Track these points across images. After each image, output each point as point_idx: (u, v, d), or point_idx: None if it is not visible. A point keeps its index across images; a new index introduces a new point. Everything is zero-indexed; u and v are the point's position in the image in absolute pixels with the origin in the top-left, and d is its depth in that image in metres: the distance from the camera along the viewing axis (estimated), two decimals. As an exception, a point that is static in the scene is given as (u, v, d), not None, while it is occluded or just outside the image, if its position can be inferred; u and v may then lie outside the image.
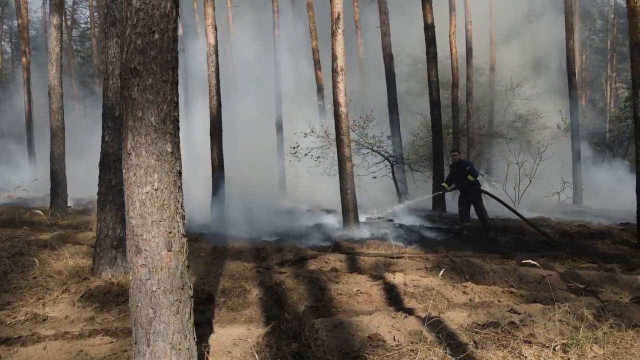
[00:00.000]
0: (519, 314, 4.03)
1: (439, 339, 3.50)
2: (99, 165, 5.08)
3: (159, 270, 2.22)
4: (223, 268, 5.92)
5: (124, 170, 2.25)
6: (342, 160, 8.99)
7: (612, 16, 45.32)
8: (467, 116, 20.04)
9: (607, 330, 3.66)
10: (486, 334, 3.57)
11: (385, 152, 14.77)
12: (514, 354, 3.31)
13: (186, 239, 2.38)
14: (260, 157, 20.57)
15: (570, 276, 5.92)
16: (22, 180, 15.22)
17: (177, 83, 2.32)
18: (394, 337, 3.51)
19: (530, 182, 15.08)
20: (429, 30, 13.47)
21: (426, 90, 22.92)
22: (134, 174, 2.21)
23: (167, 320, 2.22)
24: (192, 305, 2.40)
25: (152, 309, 2.21)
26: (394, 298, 4.80)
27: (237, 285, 4.92)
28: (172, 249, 2.26)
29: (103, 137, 5.10)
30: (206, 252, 7.54)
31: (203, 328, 3.92)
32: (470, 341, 3.50)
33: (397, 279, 5.14)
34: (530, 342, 3.48)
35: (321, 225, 9.54)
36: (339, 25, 8.99)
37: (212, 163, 10.04)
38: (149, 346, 2.21)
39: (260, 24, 26.07)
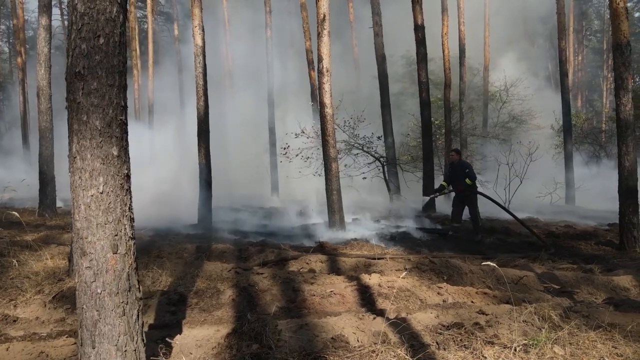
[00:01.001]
0: (486, 315, 4.05)
1: (402, 340, 3.52)
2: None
3: (104, 273, 2.24)
4: (202, 269, 5.95)
5: (69, 174, 2.27)
6: (328, 161, 9.02)
7: (610, 16, 45.39)
8: (460, 117, 20.07)
9: (571, 330, 3.69)
10: (449, 334, 3.59)
11: (376, 152, 14.79)
12: (475, 355, 3.33)
13: (134, 241, 2.39)
14: (254, 158, 20.62)
15: (548, 277, 5.95)
16: (17, 180, 15.22)
17: (124, 87, 2.33)
18: (357, 338, 3.53)
19: (521, 182, 15.10)
20: (419, 31, 13.50)
21: (419, 90, 22.93)
22: (79, 178, 2.23)
23: (112, 322, 2.24)
24: (141, 307, 2.42)
25: (97, 311, 2.23)
26: (367, 299, 4.82)
27: (212, 286, 4.95)
28: (118, 251, 2.28)
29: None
30: (189, 252, 7.54)
31: (172, 329, 3.94)
32: (433, 342, 3.53)
33: (372, 280, 5.16)
34: (492, 343, 3.50)
35: (308, 226, 9.57)
36: (325, 27, 9.02)
37: (199, 164, 10.06)
38: (94, 348, 2.23)
39: (256, 24, 26.13)
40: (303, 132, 14.00)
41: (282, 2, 32.41)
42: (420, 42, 13.52)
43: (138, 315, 2.39)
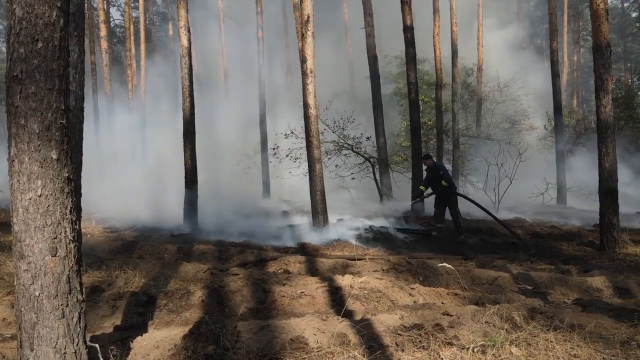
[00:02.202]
0: (451, 316, 4.07)
1: (361, 341, 3.54)
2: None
3: (42, 276, 2.25)
4: (178, 270, 5.97)
5: (8, 177, 2.28)
6: (312, 162, 9.03)
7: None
8: (453, 117, 20.09)
9: (532, 331, 3.72)
10: (408, 335, 3.61)
11: (366, 153, 14.81)
12: (432, 356, 3.35)
13: (76, 244, 2.40)
14: (246, 158, 20.63)
15: (523, 278, 5.97)
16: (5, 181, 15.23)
17: (65, 90, 2.34)
18: (317, 339, 3.55)
19: (511, 182, 15.14)
20: (408, 32, 13.52)
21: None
22: (17, 181, 2.24)
23: (50, 325, 2.25)
24: (83, 309, 2.43)
25: (35, 313, 2.24)
26: (337, 300, 4.83)
27: (183, 287, 4.96)
28: (58, 254, 2.29)
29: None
30: (170, 253, 7.57)
31: (137, 330, 3.96)
32: (392, 343, 3.54)
33: (344, 281, 5.18)
34: (451, 344, 3.52)
35: (293, 227, 9.58)
36: (309, 28, 9.03)
37: (185, 164, 10.08)
38: (32, 350, 2.24)
39: (252, 25, 26.15)
40: (292, 133, 14.02)
41: (277, 2, 32.46)
42: (410, 42, 13.54)
43: (80, 318, 2.40)
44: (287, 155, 14.63)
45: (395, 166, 16.07)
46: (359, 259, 6.77)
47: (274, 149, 14.52)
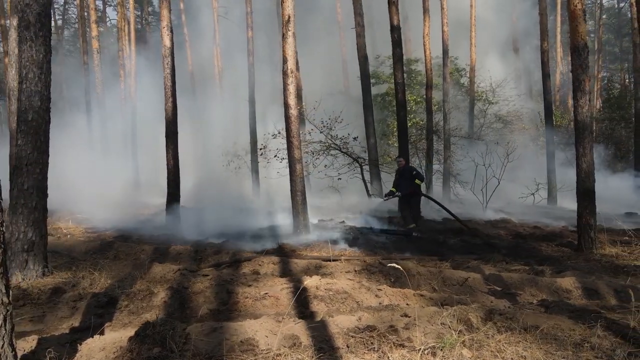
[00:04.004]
0: (409, 317, 4.05)
1: (313, 343, 3.52)
2: (11, 169, 5.09)
3: (-38, 278, 2.23)
4: (149, 271, 5.95)
5: None
6: (292, 163, 9.01)
7: (604, 16, 45.53)
8: (444, 118, 20.07)
9: (487, 333, 3.71)
10: (361, 337, 3.59)
11: (354, 153, 14.79)
12: (381, 357, 3.34)
13: (1, 247, 2.38)
14: (237, 158, 20.59)
15: (494, 279, 5.96)
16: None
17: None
18: (268, 341, 3.53)
19: (499, 183, 15.13)
20: (395, 32, 13.50)
21: (407, 91, 22.94)
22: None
23: (-28, 327, 2.24)
24: (9, 311, 2.41)
25: (-45, 316, 2.23)
26: (302, 302, 4.81)
27: (147, 288, 4.94)
28: (-21, 256, 2.27)
29: (16, 140, 5.11)
30: (147, 254, 7.55)
31: (94, 331, 3.94)
32: (344, 345, 3.53)
33: (310, 282, 5.16)
34: (403, 346, 3.51)
35: (274, 227, 9.56)
36: (289, 28, 9.01)
37: (167, 165, 10.05)
38: (-47, 353, 2.23)
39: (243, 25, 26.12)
40: (279, 133, 13.99)
41: (273, 1, 32.39)
42: (397, 43, 13.53)
43: (5, 320, 2.38)
44: (275, 156, 14.61)
45: (384, 167, 16.04)
46: (334, 260, 6.75)
47: (261, 149, 14.50)
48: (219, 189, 16.32)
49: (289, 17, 9.01)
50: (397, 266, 3.74)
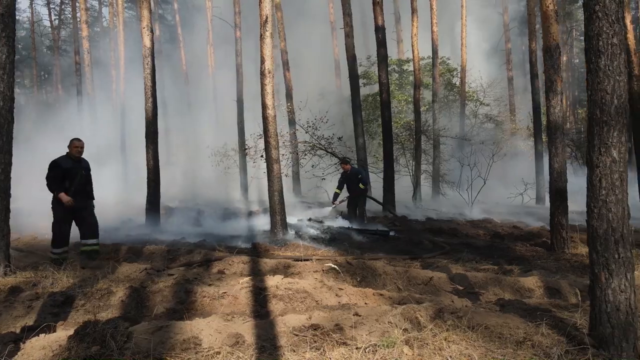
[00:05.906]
0: (359, 316, 4.08)
1: (256, 342, 3.54)
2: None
3: None
4: (115, 270, 5.96)
5: None
6: (270, 163, 9.05)
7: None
8: (433, 118, 20.12)
9: (433, 331, 3.73)
10: (304, 336, 3.62)
11: (340, 153, 14.83)
12: (322, 356, 3.36)
13: None
14: (226, 158, 20.61)
15: (459, 278, 5.99)
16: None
17: None
18: (212, 340, 3.55)
19: (485, 183, 15.19)
20: (379, 32, 13.55)
21: (398, 91, 22.99)
22: None
23: None
24: None
25: None
26: (260, 301, 4.84)
27: (107, 287, 4.95)
28: None
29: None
30: (121, 253, 7.58)
31: (44, 331, 3.95)
32: (287, 344, 3.55)
33: (271, 281, 5.18)
34: (346, 344, 3.53)
35: (253, 227, 9.59)
36: (267, 28, 9.03)
37: (147, 165, 10.08)
38: None
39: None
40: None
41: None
42: (381, 43, 13.57)
43: None
44: (261, 156, 14.62)
45: (371, 166, 16.08)
46: (305, 260, 6.77)
47: (246, 149, 14.53)
48: (206, 189, 16.35)
49: (267, 17, 9.04)
50: (333, 266, 3.75)
